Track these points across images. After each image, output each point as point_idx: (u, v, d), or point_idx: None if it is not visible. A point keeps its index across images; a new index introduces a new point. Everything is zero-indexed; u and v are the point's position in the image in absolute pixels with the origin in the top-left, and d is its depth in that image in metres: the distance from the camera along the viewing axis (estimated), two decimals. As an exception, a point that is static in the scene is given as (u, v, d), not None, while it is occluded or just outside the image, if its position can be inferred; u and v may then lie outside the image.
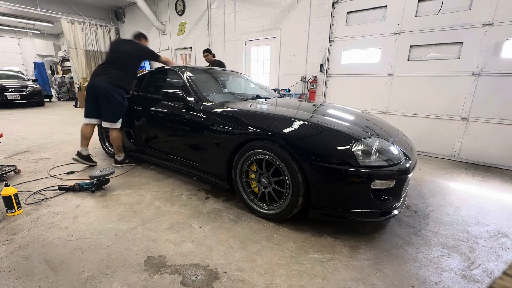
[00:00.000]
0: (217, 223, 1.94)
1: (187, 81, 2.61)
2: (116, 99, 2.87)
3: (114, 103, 2.88)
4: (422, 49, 3.85)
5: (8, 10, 8.90)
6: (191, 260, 1.53)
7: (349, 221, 1.92)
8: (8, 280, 1.36)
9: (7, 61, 13.83)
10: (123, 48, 3.00)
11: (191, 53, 7.62)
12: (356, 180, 1.59)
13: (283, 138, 1.75)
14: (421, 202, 2.36)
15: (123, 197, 2.34)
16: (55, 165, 3.14)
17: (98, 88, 2.84)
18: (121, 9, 9.55)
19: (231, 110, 2.20)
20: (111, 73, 2.88)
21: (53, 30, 13.44)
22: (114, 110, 2.92)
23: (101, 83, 2.84)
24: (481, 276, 1.46)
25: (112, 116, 2.93)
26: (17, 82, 8.89)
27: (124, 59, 2.98)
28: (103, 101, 2.88)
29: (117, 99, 2.88)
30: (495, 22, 3.25)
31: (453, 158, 3.79)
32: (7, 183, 2.01)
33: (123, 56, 2.97)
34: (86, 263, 1.49)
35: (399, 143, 1.97)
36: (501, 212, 2.21)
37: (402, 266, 1.52)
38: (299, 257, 1.58)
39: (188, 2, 7.20)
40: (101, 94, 2.84)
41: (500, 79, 3.31)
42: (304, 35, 5.08)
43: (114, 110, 2.92)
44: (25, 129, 5.23)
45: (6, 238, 1.71)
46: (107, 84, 2.83)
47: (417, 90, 3.96)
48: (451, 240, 1.80)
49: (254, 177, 2.03)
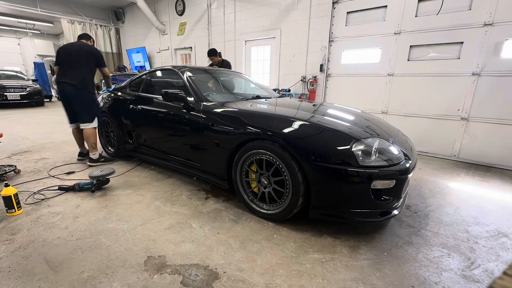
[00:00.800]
0: (217, 223, 1.94)
1: (187, 81, 2.61)
2: (86, 99, 3.01)
3: (85, 103, 3.01)
4: (422, 49, 3.85)
5: (8, 10, 8.90)
6: (191, 260, 1.53)
7: (349, 221, 1.92)
8: (8, 280, 1.36)
9: (7, 61, 13.82)
10: (72, 48, 3.05)
11: (191, 53, 7.62)
12: (356, 180, 1.59)
13: (283, 138, 1.75)
14: (421, 202, 2.36)
15: (123, 197, 2.34)
16: (55, 165, 3.14)
17: (67, 93, 2.95)
18: (121, 9, 9.55)
19: (231, 110, 2.20)
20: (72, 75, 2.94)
21: (53, 30, 13.44)
22: (86, 110, 3.04)
23: (67, 87, 2.92)
24: (481, 276, 1.46)
25: (87, 116, 3.05)
26: (17, 82, 8.88)
27: (76, 59, 3.01)
28: (74, 104, 3.00)
29: (87, 98, 3.01)
30: (495, 22, 3.25)
31: (453, 158, 3.79)
32: (7, 183, 2.01)
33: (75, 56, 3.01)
34: (86, 263, 1.49)
35: (399, 143, 1.97)
36: (501, 212, 2.21)
37: (402, 266, 1.52)
38: (299, 257, 1.58)
39: (188, 2, 7.20)
40: (71, 98, 2.97)
41: (500, 79, 3.31)
42: (304, 35, 5.09)
43: (86, 110, 3.04)
44: (25, 129, 5.23)
45: (6, 238, 1.71)
46: (73, 87, 2.92)
47: (417, 90, 3.96)
48: (451, 240, 1.80)
49: (254, 177, 2.03)
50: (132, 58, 9.53)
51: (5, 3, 7.72)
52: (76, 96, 2.96)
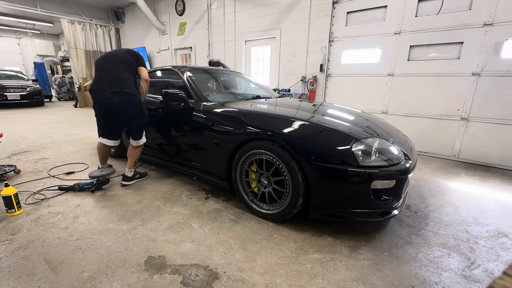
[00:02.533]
0: (217, 223, 1.94)
1: (187, 81, 2.61)
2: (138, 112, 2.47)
3: (137, 116, 2.47)
4: (422, 49, 3.85)
5: (8, 10, 8.89)
6: (191, 260, 1.53)
7: (349, 221, 1.92)
8: (8, 280, 1.36)
9: (7, 61, 13.82)
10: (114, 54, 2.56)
11: (191, 53, 7.62)
12: (356, 180, 1.59)
13: (283, 138, 1.75)
14: (421, 202, 2.36)
15: (123, 197, 2.34)
16: (55, 165, 3.14)
17: (115, 105, 2.37)
18: (121, 9, 9.55)
19: (231, 110, 2.20)
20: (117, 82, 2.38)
21: (53, 30, 13.44)
22: (139, 124, 2.55)
23: (114, 97, 2.35)
24: (481, 276, 1.46)
25: (140, 131, 2.59)
26: (17, 82, 8.89)
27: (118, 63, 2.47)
28: (125, 118, 2.46)
29: (139, 110, 2.47)
30: (495, 22, 3.25)
31: (453, 158, 3.79)
32: (7, 183, 2.01)
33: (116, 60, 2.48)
34: (86, 263, 1.49)
35: (399, 143, 1.97)
36: (501, 212, 2.21)
37: (402, 266, 1.52)
38: (299, 257, 1.58)
39: (188, 2, 7.20)
40: (120, 110, 2.40)
41: (500, 79, 3.31)
42: (304, 35, 5.08)
43: (139, 124, 2.55)
44: (25, 129, 5.23)
45: (6, 238, 1.71)
46: (123, 96, 2.36)
47: (417, 90, 3.96)
48: (451, 240, 1.80)
49: (254, 177, 2.03)
50: (132, 58, 9.51)
51: (5, 3, 7.71)
52: (122, 105, 2.37)
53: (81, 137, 4.66)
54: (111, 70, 2.43)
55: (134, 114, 2.45)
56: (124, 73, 2.43)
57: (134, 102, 2.41)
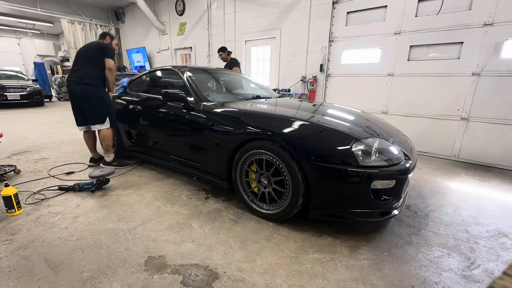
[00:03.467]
0: (217, 223, 1.94)
1: (187, 81, 2.61)
2: (98, 99, 2.81)
3: (95, 103, 2.82)
4: (422, 49, 3.85)
5: (8, 10, 8.90)
6: (191, 260, 1.53)
7: (349, 221, 1.92)
8: (8, 280, 1.36)
9: (7, 61, 13.83)
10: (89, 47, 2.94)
11: (191, 53, 7.62)
12: (356, 180, 1.59)
13: (283, 138, 1.75)
14: (421, 202, 2.36)
15: (123, 197, 2.34)
16: (55, 165, 3.14)
17: (76, 93, 2.79)
18: (121, 9, 9.56)
19: (231, 110, 2.20)
20: (81, 72, 2.78)
21: (53, 30, 13.45)
22: (98, 110, 2.85)
23: (76, 86, 2.77)
24: (481, 276, 1.46)
25: (99, 117, 2.86)
26: (17, 82, 8.88)
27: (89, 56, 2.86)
28: (84, 104, 2.82)
29: (98, 98, 2.82)
30: (495, 22, 3.25)
31: (453, 158, 3.79)
32: (7, 183, 2.01)
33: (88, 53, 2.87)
34: (86, 263, 1.49)
35: (399, 143, 1.97)
36: (501, 212, 2.21)
37: (402, 266, 1.52)
38: (299, 257, 1.58)
39: (188, 2, 7.21)
40: (81, 97, 2.79)
41: (500, 79, 3.31)
42: (304, 35, 5.09)
43: (98, 110, 2.85)
44: (25, 129, 5.23)
45: (6, 238, 1.71)
46: (83, 86, 2.75)
47: (417, 90, 3.96)
48: (451, 240, 1.80)
49: (254, 177, 2.03)
50: (132, 58, 9.53)
51: (5, 3, 7.72)
52: (82, 93, 2.77)
53: (81, 137, 4.60)
54: (79, 63, 2.84)
55: (93, 101, 2.81)
56: (88, 66, 2.82)
57: (92, 91, 2.79)
